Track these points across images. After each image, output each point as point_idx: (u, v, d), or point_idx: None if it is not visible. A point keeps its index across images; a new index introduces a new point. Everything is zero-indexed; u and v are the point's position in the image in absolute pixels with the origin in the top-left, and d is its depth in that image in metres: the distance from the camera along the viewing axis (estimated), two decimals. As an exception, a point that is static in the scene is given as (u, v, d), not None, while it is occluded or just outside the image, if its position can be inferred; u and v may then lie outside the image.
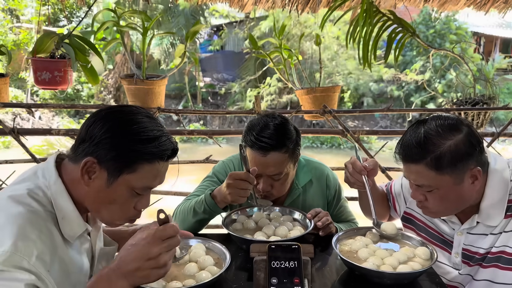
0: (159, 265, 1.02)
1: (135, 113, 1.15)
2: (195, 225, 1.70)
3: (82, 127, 1.14)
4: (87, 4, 2.72)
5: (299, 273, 1.20)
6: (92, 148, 1.09)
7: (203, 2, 2.81)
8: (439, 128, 1.34)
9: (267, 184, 1.69)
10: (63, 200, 1.12)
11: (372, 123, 15.48)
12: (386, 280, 1.32)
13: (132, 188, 1.13)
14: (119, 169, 1.10)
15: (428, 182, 1.36)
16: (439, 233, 1.56)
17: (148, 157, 1.11)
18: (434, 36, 14.80)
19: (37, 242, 1.01)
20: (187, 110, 7.95)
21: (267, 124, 1.66)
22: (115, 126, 1.10)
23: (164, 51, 15.60)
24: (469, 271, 1.47)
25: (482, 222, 1.41)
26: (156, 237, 1.03)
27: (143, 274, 1.01)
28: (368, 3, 2.31)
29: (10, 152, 10.50)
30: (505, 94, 14.26)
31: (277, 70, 2.75)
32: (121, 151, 1.09)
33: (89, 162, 1.09)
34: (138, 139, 1.10)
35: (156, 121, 1.17)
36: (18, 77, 13.28)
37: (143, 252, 1.01)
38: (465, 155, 1.32)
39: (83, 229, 1.16)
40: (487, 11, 2.87)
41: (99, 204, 1.15)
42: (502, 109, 2.58)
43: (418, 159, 1.34)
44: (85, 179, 1.10)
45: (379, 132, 2.70)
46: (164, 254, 1.03)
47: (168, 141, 1.15)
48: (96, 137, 1.09)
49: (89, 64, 2.38)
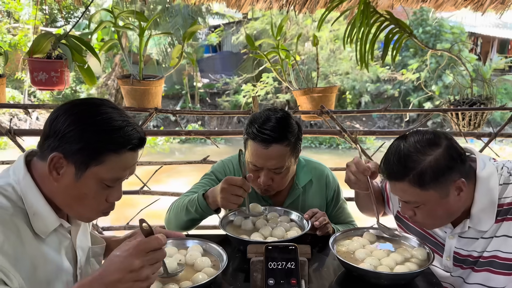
0: (141, 278, 0.99)
1: (98, 104, 1.14)
2: (188, 223, 1.70)
3: (46, 122, 1.13)
4: (84, 5, 2.71)
5: (296, 274, 1.20)
6: (57, 143, 1.08)
7: (201, 2, 2.81)
8: (418, 144, 1.34)
9: (267, 177, 1.68)
10: (32, 195, 1.11)
11: (370, 124, 15.50)
12: (383, 281, 1.32)
13: (102, 180, 1.12)
14: (86, 162, 1.09)
15: (413, 199, 1.37)
16: (431, 235, 1.57)
17: (114, 147, 1.10)
18: (428, 37, 14.82)
19: (0, 237, 1.01)
20: (184, 111, 7.95)
21: (269, 117, 1.66)
22: (78, 118, 1.09)
23: (162, 52, 15.58)
24: (460, 274, 1.47)
25: (473, 227, 1.42)
26: (138, 249, 0.99)
27: (124, 286, 0.98)
28: (365, 4, 2.31)
29: (6, 153, 10.46)
30: (503, 94, 14.31)
31: (274, 70, 2.74)
32: (86, 143, 1.08)
33: (55, 158, 1.08)
34: (103, 130, 1.09)
35: (121, 111, 1.15)
36: (15, 77, 13.24)
37: (125, 264, 0.98)
38: (446, 168, 1.32)
39: (56, 224, 1.15)
40: (484, 12, 2.88)
41: (70, 199, 1.13)
42: (499, 109, 2.59)
43: (400, 177, 1.35)
44: (54, 175, 1.09)
45: (376, 132, 2.70)
46: (146, 267, 0.99)
47: (134, 131, 1.13)
48: (60, 132, 1.08)
49: (86, 65, 2.38)
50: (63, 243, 1.20)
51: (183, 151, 13.40)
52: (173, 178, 7.77)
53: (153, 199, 2.60)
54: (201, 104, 16.83)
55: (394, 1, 2.79)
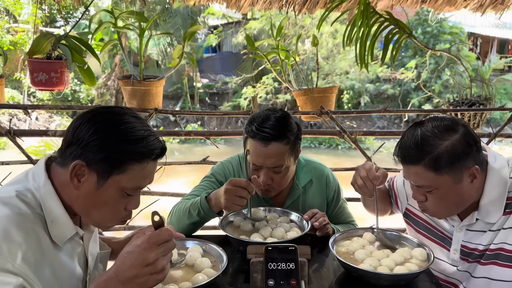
0: (157, 271, 1.01)
1: (121, 113, 1.14)
2: (190, 227, 1.69)
3: (68, 129, 1.13)
4: (84, 5, 2.71)
5: (296, 275, 1.20)
6: (80, 151, 1.08)
7: (200, 3, 2.81)
8: (435, 129, 1.36)
9: (267, 176, 1.69)
10: (52, 202, 1.11)
11: (369, 124, 15.50)
12: (383, 282, 1.32)
13: (123, 189, 1.13)
14: (109, 171, 1.09)
15: (427, 183, 1.37)
16: (438, 230, 1.57)
17: (137, 157, 1.11)
18: (428, 37, 14.83)
19: (23, 244, 1.00)
20: (184, 111, 7.95)
21: (268, 116, 1.67)
22: (102, 127, 1.10)
23: (161, 52, 15.59)
24: (467, 268, 1.47)
25: (482, 219, 1.43)
26: (151, 243, 1.01)
27: (142, 280, 1.00)
28: (365, 4, 2.31)
29: (5, 153, 10.46)
30: (502, 94, 14.32)
31: (274, 71, 2.74)
32: (110, 153, 1.08)
33: (77, 166, 1.08)
34: (126, 140, 1.10)
35: (143, 120, 1.17)
36: (14, 77, 13.24)
37: (140, 259, 1.00)
38: (462, 154, 1.33)
39: (73, 232, 1.15)
40: (484, 12, 2.88)
41: (89, 207, 1.14)
42: (499, 109, 2.59)
43: (416, 160, 1.36)
44: (75, 182, 1.10)
45: (376, 133, 2.70)
46: (161, 259, 1.01)
47: (156, 140, 1.15)
48: (84, 140, 1.08)
49: (85, 65, 2.37)
50: (76, 250, 1.20)
51: (182, 151, 13.40)
52: (172, 178, 7.76)
53: (152, 199, 2.59)
54: (200, 105, 16.83)
55: (394, 1, 2.79)
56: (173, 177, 7.82)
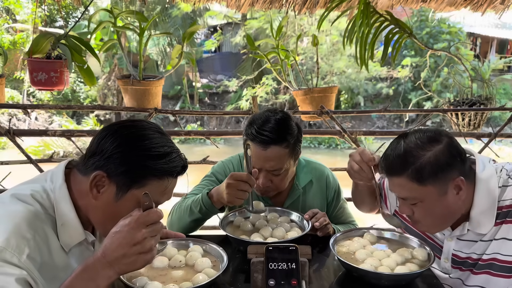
0: (145, 250, 1.01)
1: (146, 128, 1.15)
2: (191, 225, 1.69)
3: (93, 140, 1.15)
4: (84, 5, 2.70)
5: (297, 275, 1.20)
6: (102, 162, 1.10)
7: (200, 3, 2.80)
8: (418, 140, 1.34)
9: (266, 179, 1.68)
10: (65, 206, 1.11)
11: (369, 124, 15.51)
12: (384, 282, 1.32)
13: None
14: (129, 184, 1.10)
15: (411, 195, 1.36)
16: (429, 237, 1.56)
17: (158, 173, 1.12)
18: (428, 37, 14.84)
19: (31, 241, 1.01)
20: (184, 111, 7.94)
21: (268, 119, 1.66)
22: (126, 141, 1.11)
23: (161, 52, 15.58)
24: (459, 276, 1.47)
25: (473, 230, 1.41)
26: (139, 222, 1.02)
27: (130, 260, 1.00)
28: (365, 4, 2.31)
29: (5, 153, 10.45)
30: (501, 94, 14.33)
31: (274, 70, 2.74)
32: (131, 166, 1.10)
33: (98, 176, 1.09)
34: (149, 155, 1.11)
35: (167, 137, 1.18)
36: (14, 77, 13.23)
37: (127, 238, 1.00)
38: (446, 165, 1.32)
39: (82, 238, 1.16)
40: (484, 12, 2.88)
41: (105, 218, 1.14)
42: (499, 109, 2.59)
43: (399, 172, 1.35)
44: (94, 192, 1.10)
45: (376, 132, 2.70)
46: (149, 238, 1.02)
47: (178, 158, 1.16)
48: (107, 151, 1.09)
49: (85, 65, 2.37)
50: (84, 255, 1.19)
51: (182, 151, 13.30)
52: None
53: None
54: (200, 104, 16.83)
55: (394, 1, 2.79)
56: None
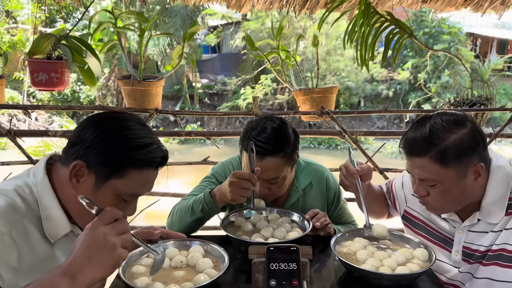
0: (108, 247, 0.94)
1: (127, 119, 1.16)
2: (192, 224, 1.69)
3: (74, 130, 1.16)
4: (84, 5, 2.70)
5: (298, 275, 1.20)
6: (82, 151, 1.10)
7: (200, 3, 2.80)
8: (445, 122, 1.36)
9: (264, 187, 1.69)
10: (48, 199, 1.12)
11: (369, 124, 15.49)
12: (385, 282, 1.32)
13: (119, 194, 1.14)
14: (107, 174, 1.11)
15: (432, 176, 1.36)
16: (439, 231, 1.56)
17: (137, 163, 1.12)
18: (427, 38, 14.84)
19: (5, 236, 1.02)
20: (184, 112, 7.94)
21: (264, 128, 1.65)
22: (106, 131, 1.12)
23: (161, 52, 15.57)
24: (469, 269, 1.47)
25: (483, 219, 1.42)
26: (95, 224, 0.96)
27: (96, 260, 0.93)
28: (365, 4, 2.31)
29: (6, 154, 10.44)
30: (501, 94, 14.33)
31: (274, 71, 2.74)
32: (110, 156, 1.10)
33: (78, 165, 1.10)
34: (128, 145, 1.11)
35: (147, 128, 1.18)
36: (14, 77, 13.22)
37: (88, 239, 0.95)
38: (470, 149, 1.33)
39: (67, 230, 1.16)
40: (484, 12, 2.88)
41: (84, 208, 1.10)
42: (500, 110, 2.59)
43: (423, 152, 1.35)
44: (73, 182, 1.11)
45: (376, 133, 2.70)
46: (110, 235, 0.95)
47: (158, 149, 1.16)
48: (87, 141, 1.10)
49: (86, 65, 2.37)
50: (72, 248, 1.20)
51: (182, 151, 13.39)
52: (172, 178, 7.73)
53: (153, 200, 2.59)
54: (200, 105, 16.82)
55: (394, 1, 2.79)
56: (172, 177, 7.81)
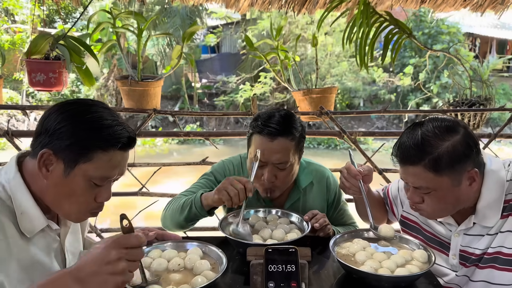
0: (117, 271, 0.96)
1: (90, 104, 1.16)
2: (182, 223, 1.69)
3: (39, 121, 1.15)
4: (83, 5, 2.70)
5: (297, 277, 1.19)
6: (47, 139, 1.10)
7: (199, 3, 2.80)
8: (436, 129, 1.34)
9: (271, 174, 1.68)
10: (21, 194, 1.12)
11: (368, 124, 15.50)
12: (384, 284, 1.31)
13: (90, 178, 1.12)
14: (75, 159, 1.10)
15: (426, 184, 1.35)
16: (435, 235, 1.56)
17: (102, 144, 1.11)
18: (426, 38, 14.85)
19: None
20: (184, 112, 7.92)
21: (273, 114, 1.70)
22: (69, 116, 1.11)
23: (160, 52, 15.56)
24: (465, 272, 1.46)
25: (479, 223, 1.41)
26: (116, 243, 0.98)
27: (100, 279, 0.96)
28: (365, 4, 2.30)
29: (4, 154, 10.43)
30: (500, 94, 14.34)
31: (273, 71, 2.74)
32: (75, 140, 1.09)
33: (45, 154, 1.09)
34: (92, 127, 1.10)
35: (112, 111, 1.17)
36: (13, 78, 13.20)
37: (101, 255, 0.96)
38: (463, 156, 1.32)
39: (44, 225, 1.16)
40: (483, 12, 2.87)
41: (58, 197, 1.14)
42: (499, 110, 2.58)
43: (416, 161, 1.34)
44: (43, 171, 1.11)
45: (376, 133, 2.69)
46: (123, 260, 0.97)
47: (123, 130, 1.14)
48: (51, 129, 1.10)
49: (84, 66, 2.36)
50: (52, 245, 1.20)
51: (181, 152, 13.39)
52: (171, 179, 7.74)
53: (151, 200, 2.58)
54: (199, 105, 16.81)
55: (394, 1, 2.78)
56: (171, 178, 7.80)
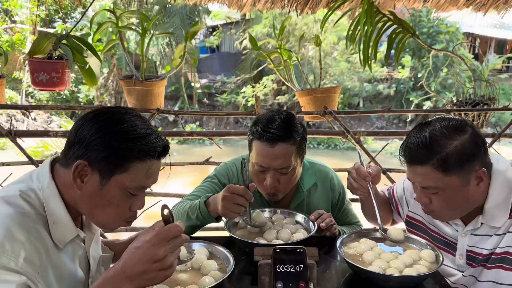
0: (166, 267, 1.01)
1: (122, 113, 1.14)
2: (188, 229, 1.67)
3: (71, 130, 1.13)
4: (83, 5, 2.68)
5: (305, 277, 1.18)
6: (82, 150, 1.08)
7: (201, 2, 2.79)
8: (444, 129, 1.33)
9: (274, 179, 1.66)
10: (55, 204, 1.10)
11: (368, 124, 15.50)
12: (392, 284, 1.31)
13: (126, 188, 1.12)
14: (111, 170, 1.09)
15: (435, 184, 1.34)
16: (442, 236, 1.55)
17: (139, 154, 1.10)
18: (425, 37, 14.85)
19: (26, 244, 1.00)
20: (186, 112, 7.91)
21: (273, 117, 1.66)
22: (103, 126, 1.09)
23: (160, 52, 15.54)
24: (472, 273, 1.46)
25: (486, 223, 1.40)
26: (160, 239, 1.01)
27: (150, 276, 1.00)
28: (369, 4, 2.30)
29: (4, 154, 10.41)
30: (500, 94, 14.30)
31: (276, 71, 2.73)
32: (111, 151, 1.08)
33: (80, 165, 1.07)
34: (128, 138, 1.09)
35: (144, 119, 1.16)
36: (13, 77, 13.18)
37: (148, 254, 0.99)
38: (471, 155, 1.31)
39: (74, 234, 1.15)
40: (486, 12, 2.87)
41: (93, 207, 1.13)
42: (503, 110, 2.58)
43: (424, 160, 1.33)
44: (78, 182, 1.09)
45: (379, 133, 2.69)
46: (169, 255, 1.02)
47: (158, 138, 1.14)
48: (86, 139, 1.08)
49: (87, 65, 2.35)
50: (77, 252, 1.19)
51: (181, 151, 13.36)
52: (172, 179, 7.72)
53: (154, 200, 2.57)
54: (199, 105, 16.80)
55: (396, 1, 2.78)
56: (172, 178, 7.79)
